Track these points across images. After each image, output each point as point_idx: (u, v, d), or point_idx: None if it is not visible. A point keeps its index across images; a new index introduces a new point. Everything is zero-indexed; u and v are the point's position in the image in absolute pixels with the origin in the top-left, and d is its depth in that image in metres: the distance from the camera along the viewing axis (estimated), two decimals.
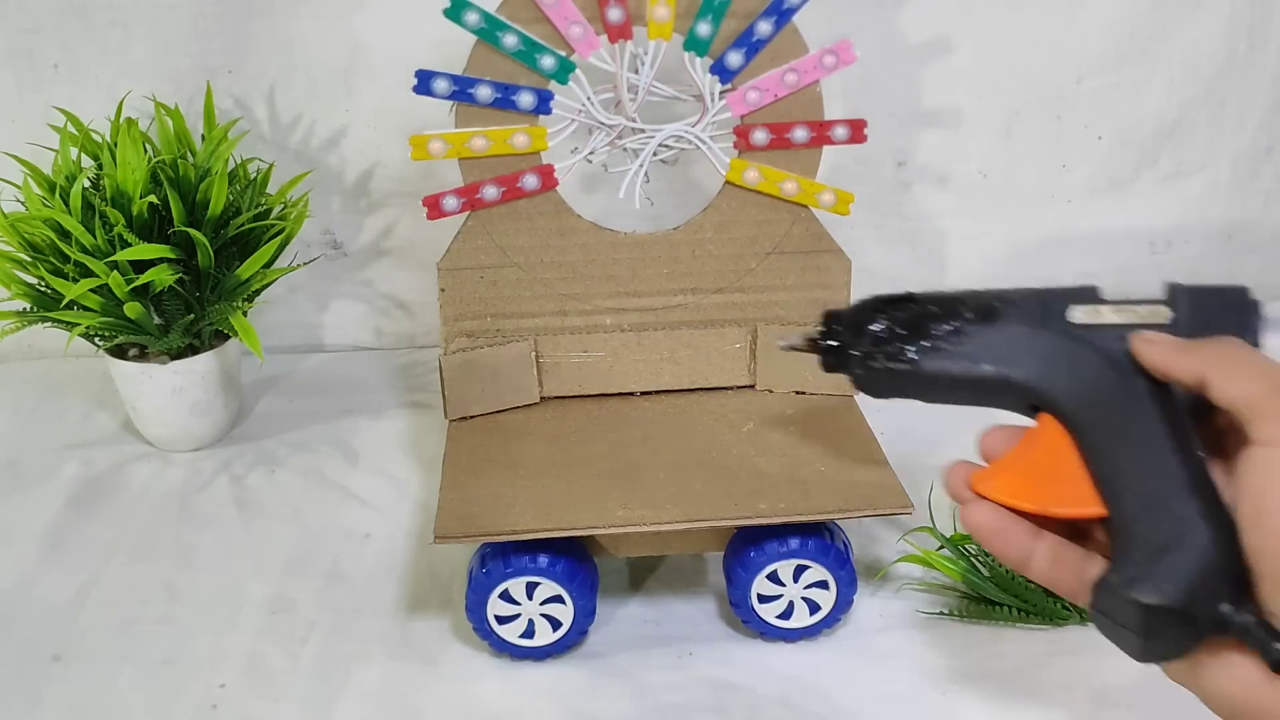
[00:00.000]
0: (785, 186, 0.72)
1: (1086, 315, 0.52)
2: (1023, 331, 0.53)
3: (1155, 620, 0.45)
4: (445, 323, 0.73)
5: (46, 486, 0.81)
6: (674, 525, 0.61)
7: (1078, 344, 0.51)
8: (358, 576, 0.72)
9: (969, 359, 0.52)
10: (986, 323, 0.53)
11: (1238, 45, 0.95)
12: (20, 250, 0.77)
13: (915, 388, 0.54)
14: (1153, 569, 0.45)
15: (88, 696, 0.63)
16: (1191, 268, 1.03)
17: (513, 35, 0.67)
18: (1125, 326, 0.50)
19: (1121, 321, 0.51)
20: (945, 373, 0.53)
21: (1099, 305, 0.52)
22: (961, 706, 0.61)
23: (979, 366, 0.52)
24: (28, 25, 0.89)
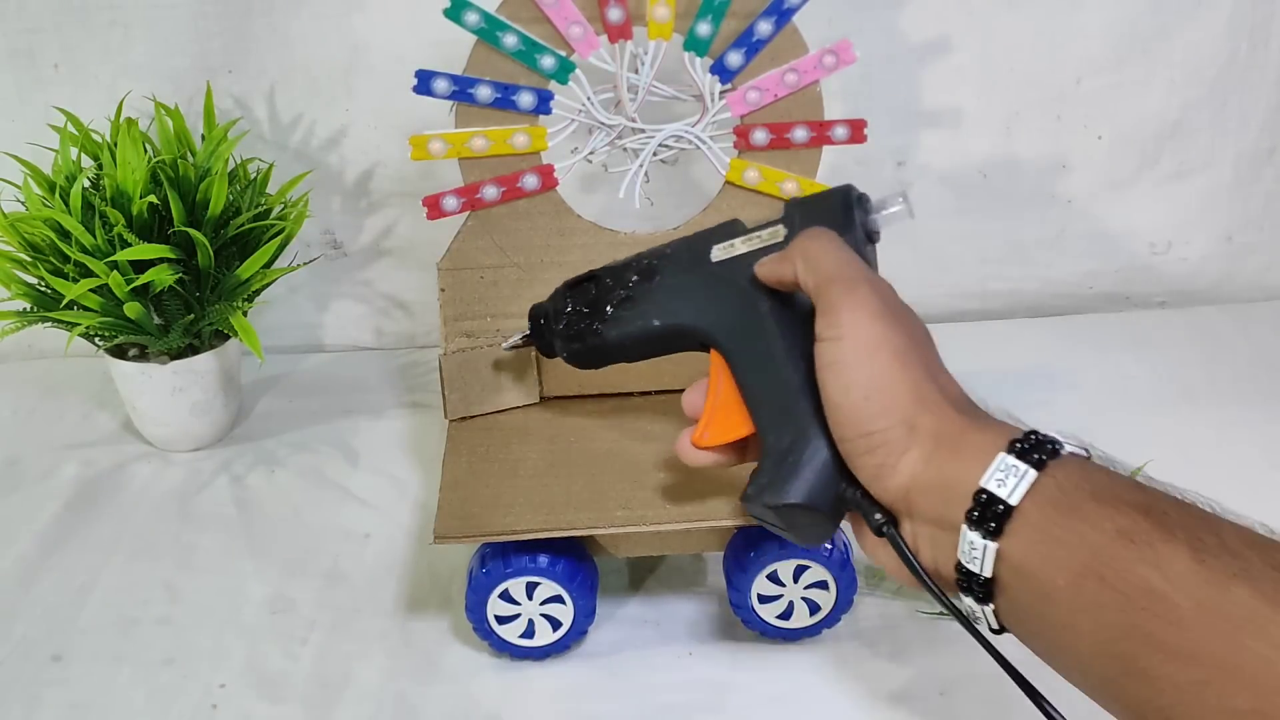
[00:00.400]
0: (785, 186, 0.72)
1: (723, 251, 0.57)
2: (677, 281, 0.58)
3: (789, 516, 0.50)
4: (445, 323, 0.73)
5: (46, 486, 0.81)
6: (674, 525, 0.61)
7: (718, 280, 0.56)
8: (358, 576, 0.72)
9: (642, 318, 0.58)
10: (649, 281, 0.58)
11: (1239, 45, 0.94)
12: (20, 250, 0.77)
13: (612, 354, 0.60)
14: (777, 474, 0.50)
15: (88, 696, 0.63)
16: (1191, 268, 1.03)
17: (513, 35, 0.67)
18: (752, 254, 0.55)
19: (749, 250, 0.56)
20: (628, 335, 0.59)
21: (733, 240, 0.56)
22: (961, 706, 0.61)
23: (651, 322, 0.58)
24: (28, 25, 0.89)
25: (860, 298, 0.48)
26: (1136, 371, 0.93)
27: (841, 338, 0.47)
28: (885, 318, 0.48)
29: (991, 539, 0.42)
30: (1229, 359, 0.94)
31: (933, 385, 0.47)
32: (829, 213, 0.53)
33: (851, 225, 0.52)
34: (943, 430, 0.45)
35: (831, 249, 0.50)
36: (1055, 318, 1.02)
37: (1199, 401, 0.89)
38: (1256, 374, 0.92)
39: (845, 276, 0.49)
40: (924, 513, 0.45)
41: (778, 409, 0.52)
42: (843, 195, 0.54)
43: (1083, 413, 0.84)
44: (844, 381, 0.47)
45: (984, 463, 0.43)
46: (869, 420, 0.46)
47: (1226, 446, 0.82)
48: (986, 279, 1.01)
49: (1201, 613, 0.36)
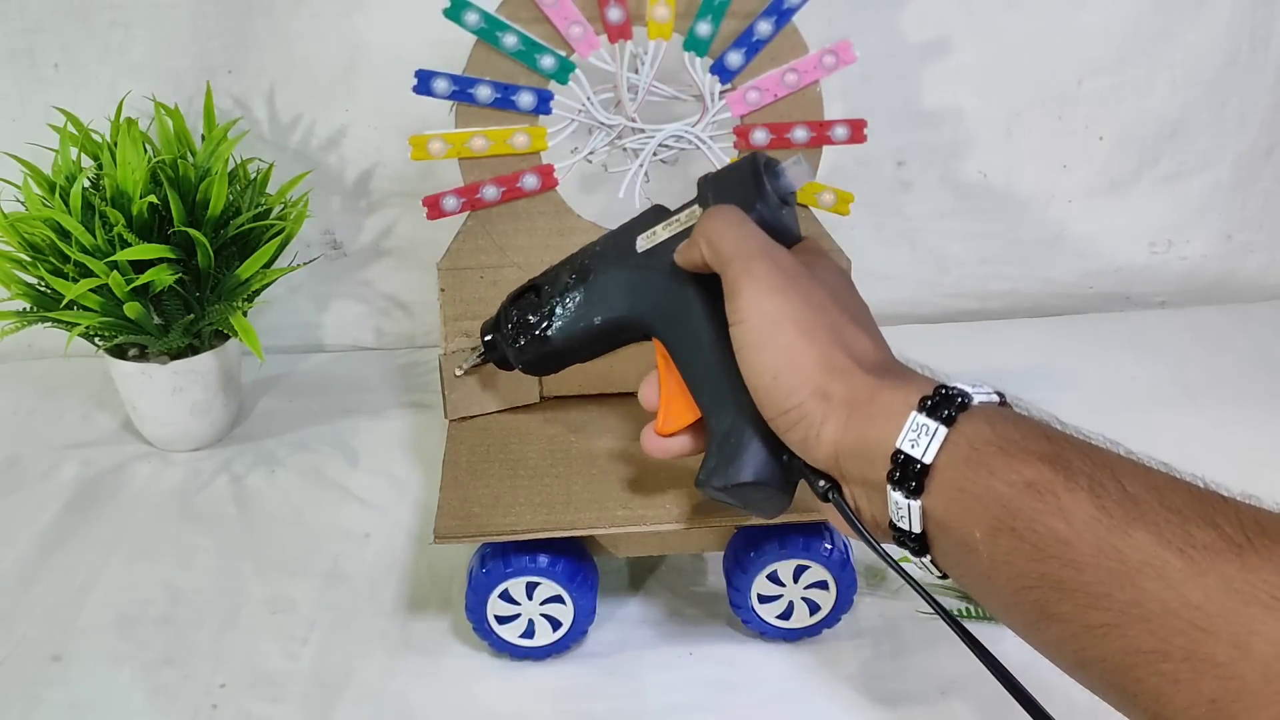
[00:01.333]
0: None
1: (646, 240, 0.57)
2: (608, 277, 0.58)
3: (741, 495, 0.51)
4: (445, 322, 0.73)
5: (46, 486, 0.81)
6: (674, 525, 0.61)
7: (645, 270, 0.57)
8: (358, 576, 0.72)
9: (583, 318, 0.59)
10: (584, 281, 0.59)
11: (1239, 46, 0.95)
12: (20, 250, 0.77)
13: (564, 357, 0.61)
14: (721, 456, 0.51)
15: (88, 696, 0.63)
16: (1191, 268, 1.03)
17: (513, 35, 0.67)
18: (673, 239, 0.56)
19: (670, 235, 0.56)
20: (573, 336, 0.60)
21: (654, 228, 0.57)
22: (961, 706, 0.61)
23: (592, 321, 0.59)
24: (28, 25, 0.89)
25: (756, 275, 0.48)
26: (1136, 371, 0.93)
27: (744, 320, 0.48)
28: (783, 291, 0.48)
29: (913, 497, 0.43)
30: (1229, 359, 0.94)
31: (840, 351, 0.47)
32: (739, 184, 0.54)
33: (763, 193, 0.53)
34: (855, 395, 0.46)
35: (729, 227, 0.51)
36: (1055, 318, 1.02)
37: (1199, 401, 0.89)
38: (1256, 374, 0.92)
39: (741, 255, 0.49)
40: (854, 476, 0.46)
41: (714, 392, 0.53)
42: (750, 164, 0.54)
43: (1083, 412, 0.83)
44: (753, 364, 0.48)
45: (898, 424, 0.43)
46: (783, 399, 0.47)
47: (1226, 446, 0.82)
48: (986, 279, 1.01)
49: (1103, 558, 0.37)
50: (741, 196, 0.53)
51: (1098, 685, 0.39)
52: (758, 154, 0.54)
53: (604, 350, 0.61)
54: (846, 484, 0.47)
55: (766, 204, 0.53)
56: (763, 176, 0.53)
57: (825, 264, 0.53)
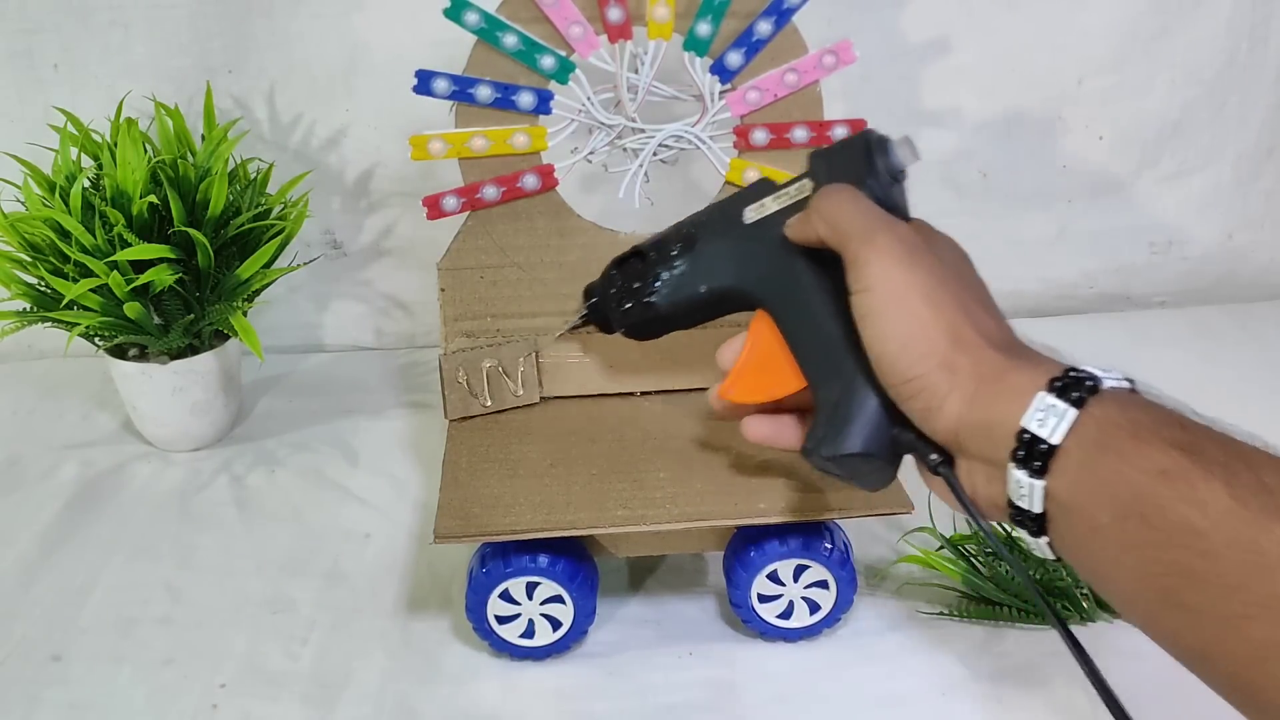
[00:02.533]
0: None
1: (755, 212, 0.57)
2: (715, 247, 0.59)
3: (847, 465, 0.51)
4: (445, 323, 0.73)
5: (46, 486, 0.81)
6: (674, 525, 0.61)
7: (753, 242, 0.57)
8: (358, 576, 0.72)
9: (688, 286, 0.59)
10: (690, 250, 0.59)
11: (1239, 45, 0.95)
12: (20, 250, 0.77)
13: (666, 324, 0.62)
14: (830, 426, 0.51)
15: (88, 696, 0.63)
16: (1191, 268, 1.03)
17: (513, 35, 0.67)
18: (783, 211, 0.56)
19: (779, 208, 0.56)
20: (677, 304, 0.60)
21: (763, 199, 0.57)
22: (961, 706, 0.61)
23: (697, 289, 0.59)
24: (28, 25, 0.89)
25: (881, 247, 0.48)
26: (1136, 371, 0.92)
27: (869, 289, 0.48)
28: (909, 262, 0.47)
29: (1037, 478, 0.42)
30: (1229, 359, 0.94)
31: (969, 324, 0.46)
32: (851, 161, 0.53)
33: (874, 170, 0.52)
34: (982, 370, 0.45)
35: (846, 203, 0.50)
36: (1055, 318, 1.02)
37: (1199, 401, 0.88)
38: (1256, 374, 0.92)
39: (863, 228, 0.49)
40: (973, 451, 0.46)
41: (824, 363, 0.52)
42: (863, 141, 0.53)
43: None
44: (879, 332, 0.47)
45: (1024, 402, 0.43)
46: (907, 367, 0.46)
47: None
48: (986, 279, 1.01)
49: (1240, 550, 0.37)
50: (853, 173, 0.52)
51: (1219, 677, 0.39)
52: (869, 130, 0.54)
53: (707, 318, 0.61)
54: (963, 459, 0.47)
55: (878, 180, 0.52)
56: (874, 153, 0.52)
57: (944, 241, 0.52)
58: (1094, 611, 0.66)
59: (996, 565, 0.68)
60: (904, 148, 0.53)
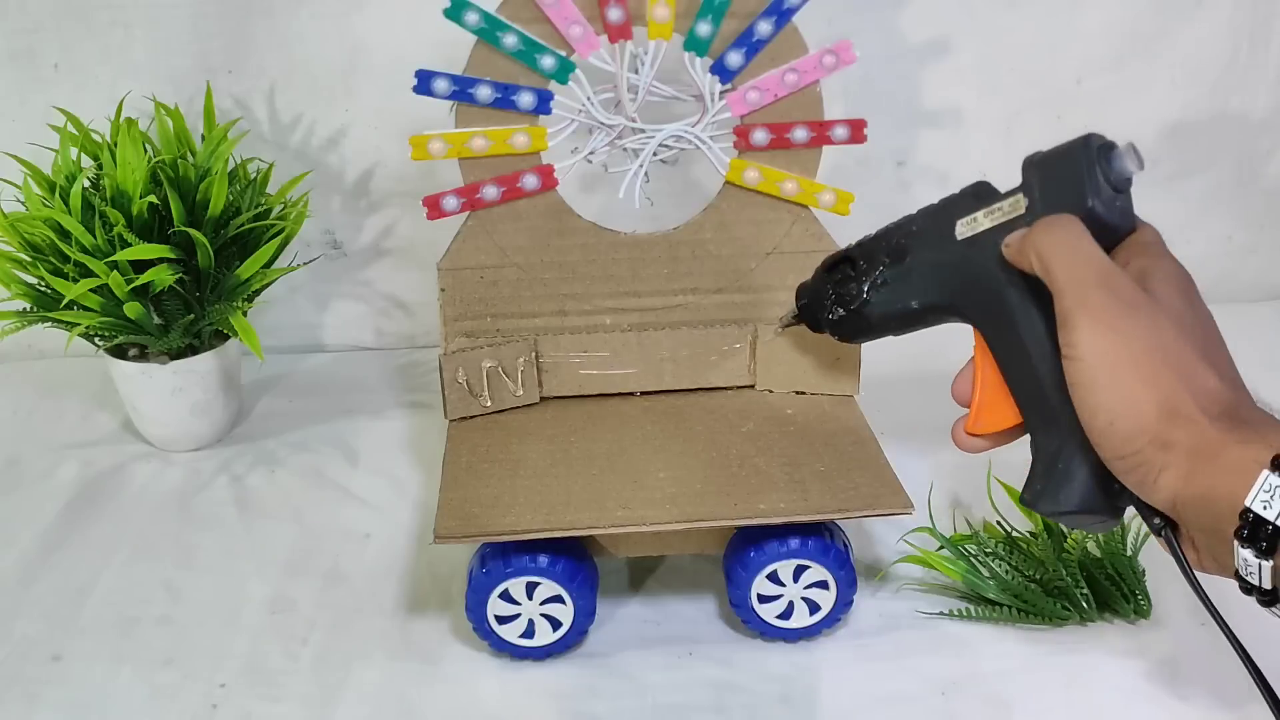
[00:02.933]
0: (785, 186, 0.72)
1: (967, 227, 0.54)
2: (926, 261, 0.57)
3: (1069, 520, 0.50)
4: (445, 323, 0.73)
5: (46, 486, 0.81)
6: (673, 525, 0.61)
7: (965, 260, 0.54)
8: (358, 576, 0.72)
9: (900, 300, 0.58)
10: (900, 262, 0.58)
11: (1239, 46, 0.95)
12: (20, 250, 0.77)
13: (876, 331, 0.61)
14: (1049, 480, 0.49)
15: (88, 696, 0.63)
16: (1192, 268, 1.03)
17: (513, 35, 0.67)
18: (996, 229, 0.53)
19: (992, 225, 0.53)
20: (889, 315, 0.59)
21: (975, 214, 0.54)
22: (961, 706, 0.61)
23: (909, 304, 0.57)
24: (28, 25, 0.89)
25: (1093, 309, 0.45)
26: None
27: (1079, 358, 0.46)
28: (1122, 328, 0.45)
29: (1265, 558, 0.41)
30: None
31: (1185, 394, 0.44)
32: (1070, 175, 0.50)
33: (1095, 185, 0.49)
34: (1198, 446, 0.43)
35: (1063, 246, 0.47)
36: None
37: None
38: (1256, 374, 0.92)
39: (1077, 282, 0.46)
40: (1194, 523, 0.44)
41: (1039, 405, 0.50)
42: (1082, 150, 0.50)
43: None
44: (1088, 405, 0.46)
45: (1246, 481, 0.42)
46: (1120, 445, 0.45)
47: None
48: None
49: None
50: (1072, 187, 0.49)
51: None
52: (1091, 137, 0.50)
53: (917, 328, 0.59)
54: (1184, 527, 0.45)
55: (1099, 196, 0.49)
56: (1095, 165, 0.49)
57: (1166, 271, 0.49)
58: (1093, 612, 0.66)
59: (995, 565, 0.68)
60: (1129, 155, 0.49)
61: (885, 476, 0.64)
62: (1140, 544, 0.67)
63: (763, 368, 0.74)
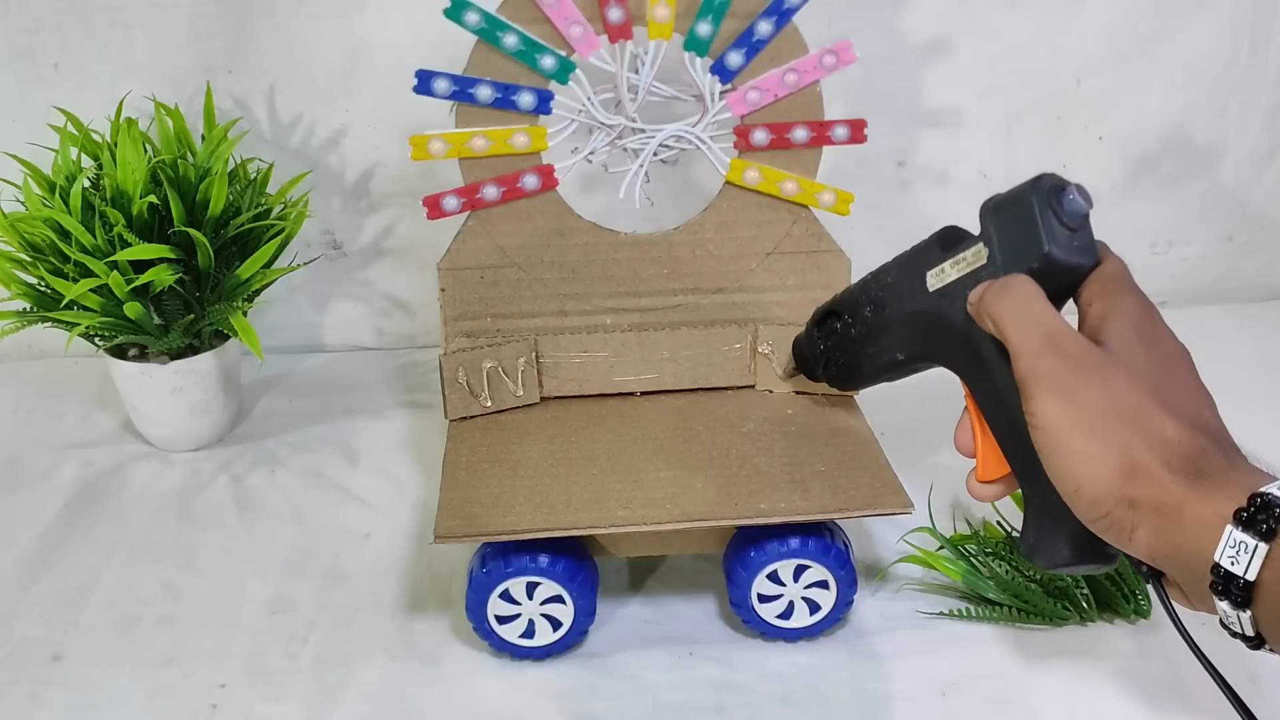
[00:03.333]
0: (785, 186, 0.72)
1: (936, 279, 0.55)
2: (903, 312, 0.57)
3: (1066, 569, 0.50)
4: (445, 323, 0.73)
5: (46, 486, 0.81)
6: (674, 525, 0.61)
7: (939, 312, 0.54)
8: (358, 576, 0.72)
9: (886, 352, 0.59)
10: (881, 314, 0.59)
11: (1240, 46, 0.95)
12: (20, 250, 0.77)
13: (869, 380, 0.63)
14: (1040, 534, 0.50)
15: (88, 696, 0.63)
16: (1192, 268, 1.03)
17: (513, 35, 0.67)
18: (963, 280, 0.53)
19: (958, 276, 0.53)
20: (878, 365, 0.60)
21: (942, 265, 0.54)
22: (961, 706, 0.61)
23: (895, 356, 0.59)
24: (28, 25, 0.89)
25: (1044, 377, 0.46)
26: None
27: (1037, 426, 0.46)
28: (1073, 392, 0.45)
29: (1242, 609, 0.41)
30: (1229, 359, 0.94)
31: (1143, 449, 0.44)
32: (1024, 221, 0.50)
33: (1050, 231, 0.49)
34: (1162, 503, 0.43)
35: (1013, 313, 0.48)
36: None
37: None
38: (1256, 374, 0.92)
39: (1027, 350, 0.47)
40: (1174, 574, 0.45)
41: (1020, 456, 0.50)
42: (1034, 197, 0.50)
43: None
44: (1053, 472, 0.46)
45: (1213, 537, 0.42)
46: (1088, 509, 0.45)
47: None
48: None
49: None
50: (1027, 234, 0.49)
51: None
52: (1042, 179, 0.50)
53: (912, 374, 0.60)
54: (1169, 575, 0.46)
55: (1056, 242, 0.49)
56: (1048, 208, 0.49)
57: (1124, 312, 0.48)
58: (1094, 613, 0.66)
59: (995, 565, 0.68)
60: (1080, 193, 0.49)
61: (885, 476, 0.64)
62: None
63: (763, 368, 0.74)
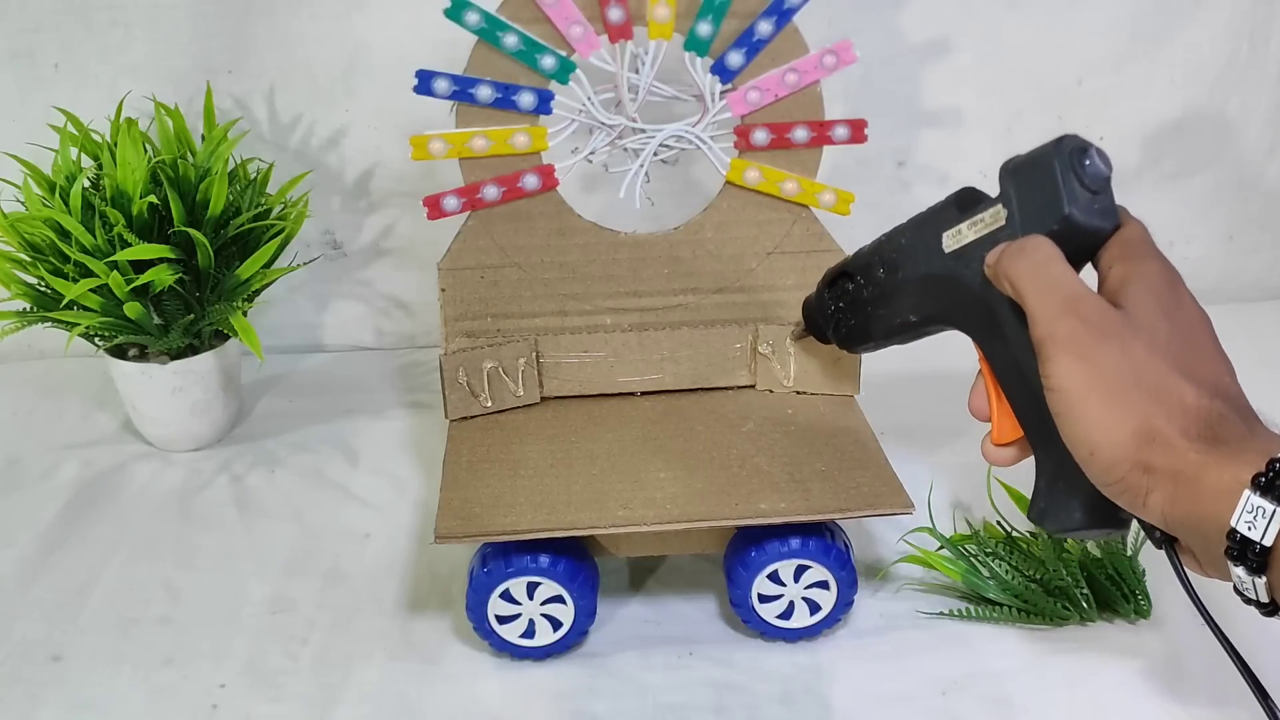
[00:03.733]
0: (786, 186, 0.72)
1: (952, 240, 0.54)
2: (917, 274, 0.56)
3: (1076, 534, 0.50)
4: (446, 323, 0.73)
5: (46, 486, 0.81)
6: (674, 525, 0.61)
7: (954, 274, 0.54)
8: (358, 576, 0.72)
9: (898, 314, 0.58)
10: (895, 276, 0.58)
11: (1240, 46, 0.95)
12: (20, 250, 0.77)
13: (880, 342, 0.61)
14: (1051, 498, 0.49)
15: (88, 696, 0.63)
16: (1192, 268, 1.03)
17: (513, 35, 0.67)
18: (980, 242, 0.52)
19: (975, 237, 0.52)
20: (890, 328, 0.59)
21: (959, 225, 0.54)
22: (961, 706, 0.61)
23: (907, 317, 0.58)
24: (28, 25, 0.89)
25: (1062, 339, 0.45)
26: None
27: (1054, 389, 0.45)
28: (1091, 355, 0.45)
29: (1257, 575, 0.41)
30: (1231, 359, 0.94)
31: (1161, 416, 0.44)
32: (1044, 182, 0.48)
33: (1071, 193, 0.48)
34: (1179, 470, 0.43)
35: (1031, 274, 0.47)
36: None
37: None
38: (1257, 374, 0.92)
39: (1045, 313, 0.46)
40: (1188, 540, 0.44)
41: (1035, 421, 0.49)
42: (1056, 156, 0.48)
43: None
44: (1069, 436, 0.45)
45: (1230, 503, 0.41)
46: (1102, 473, 0.45)
47: None
48: None
49: None
50: (1048, 195, 0.48)
51: None
52: (1064, 139, 0.49)
53: (923, 337, 0.59)
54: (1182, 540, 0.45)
55: (1076, 202, 0.48)
56: (1070, 169, 0.48)
57: (1146, 277, 0.48)
58: (1093, 612, 0.66)
59: (995, 565, 0.68)
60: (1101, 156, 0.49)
61: (886, 476, 0.64)
62: (1140, 544, 0.67)
63: (763, 368, 0.74)
